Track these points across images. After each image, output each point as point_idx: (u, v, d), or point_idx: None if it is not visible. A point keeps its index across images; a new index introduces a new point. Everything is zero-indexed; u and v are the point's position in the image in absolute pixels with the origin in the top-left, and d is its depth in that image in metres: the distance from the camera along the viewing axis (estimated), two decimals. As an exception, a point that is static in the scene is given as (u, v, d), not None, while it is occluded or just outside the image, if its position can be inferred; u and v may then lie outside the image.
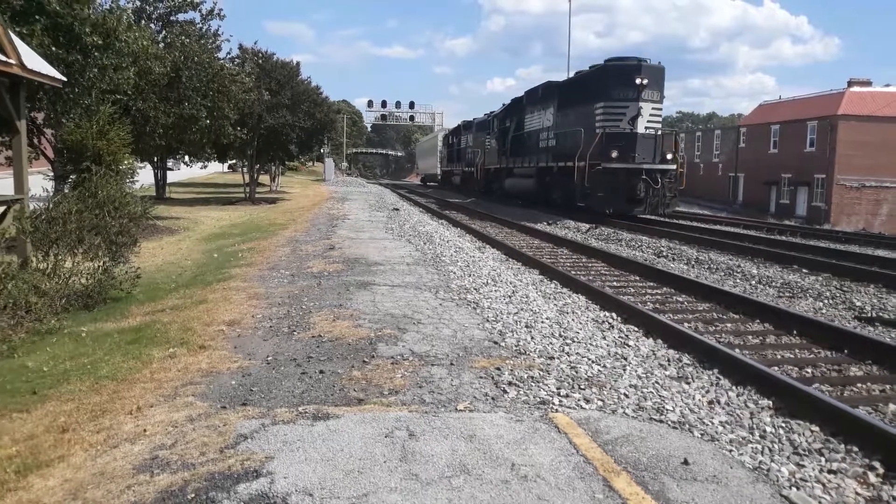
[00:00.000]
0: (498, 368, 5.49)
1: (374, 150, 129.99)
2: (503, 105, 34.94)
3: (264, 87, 27.80)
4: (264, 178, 40.41)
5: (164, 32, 21.86)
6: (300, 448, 3.86)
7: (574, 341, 6.49)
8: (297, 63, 32.60)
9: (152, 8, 22.02)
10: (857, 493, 3.76)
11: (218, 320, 7.15)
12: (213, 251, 13.83)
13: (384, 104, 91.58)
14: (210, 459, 3.71)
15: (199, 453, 3.80)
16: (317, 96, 33.47)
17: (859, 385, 5.87)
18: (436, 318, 7.25)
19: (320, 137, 36.38)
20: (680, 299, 9.51)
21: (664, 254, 13.94)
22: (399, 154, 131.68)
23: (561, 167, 23.85)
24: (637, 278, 11.17)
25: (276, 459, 3.71)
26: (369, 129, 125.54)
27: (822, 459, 4.19)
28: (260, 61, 29.92)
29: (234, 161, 42.56)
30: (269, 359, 5.75)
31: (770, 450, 4.28)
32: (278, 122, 29.42)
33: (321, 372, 5.37)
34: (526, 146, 29.01)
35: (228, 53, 27.44)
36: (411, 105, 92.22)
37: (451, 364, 5.61)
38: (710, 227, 21.16)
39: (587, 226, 19.79)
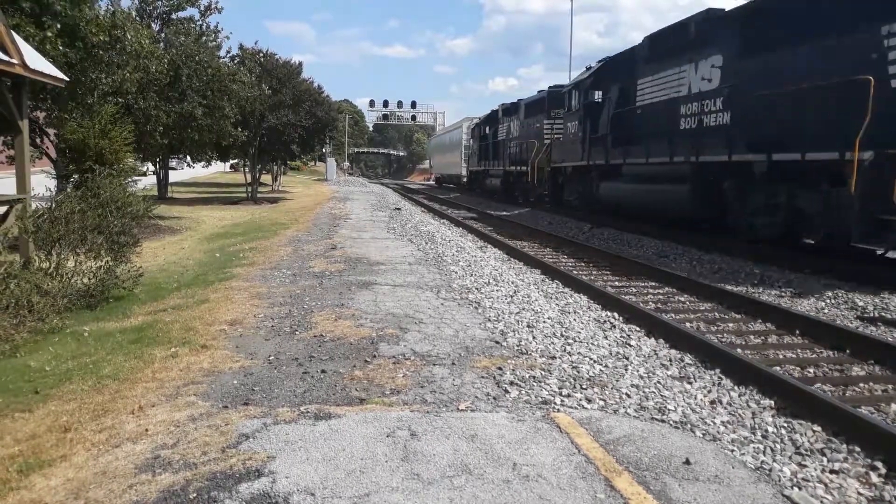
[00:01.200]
0: (500, 368, 5.49)
1: (375, 150, 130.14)
2: (588, 68, 21.83)
3: (266, 84, 27.79)
4: (266, 178, 40.43)
5: (164, 32, 21.88)
6: (302, 448, 3.87)
7: (576, 341, 6.49)
8: (300, 63, 32.66)
9: (152, 7, 22.05)
10: (859, 493, 3.75)
11: (220, 320, 7.16)
12: (215, 251, 13.83)
13: (386, 104, 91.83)
14: (212, 459, 3.72)
15: (200, 453, 3.80)
16: (318, 95, 33.49)
17: (861, 385, 5.86)
18: (437, 317, 7.25)
19: (322, 137, 36.40)
20: (682, 299, 9.50)
21: (667, 254, 13.92)
22: (401, 154, 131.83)
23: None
24: (639, 278, 11.16)
25: (278, 459, 3.71)
26: (371, 128, 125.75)
27: (824, 459, 4.18)
28: (261, 59, 29.93)
29: (236, 161, 42.57)
30: (270, 358, 5.75)
31: (772, 450, 4.28)
32: (281, 122, 29.45)
33: (323, 371, 5.38)
34: (651, 127, 16.55)
35: (228, 52, 27.32)
36: (413, 105, 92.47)
37: (453, 364, 5.61)
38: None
39: (588, 225, 19.72)
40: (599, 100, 20.54)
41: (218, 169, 55.97)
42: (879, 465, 4.07)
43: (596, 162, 20.07)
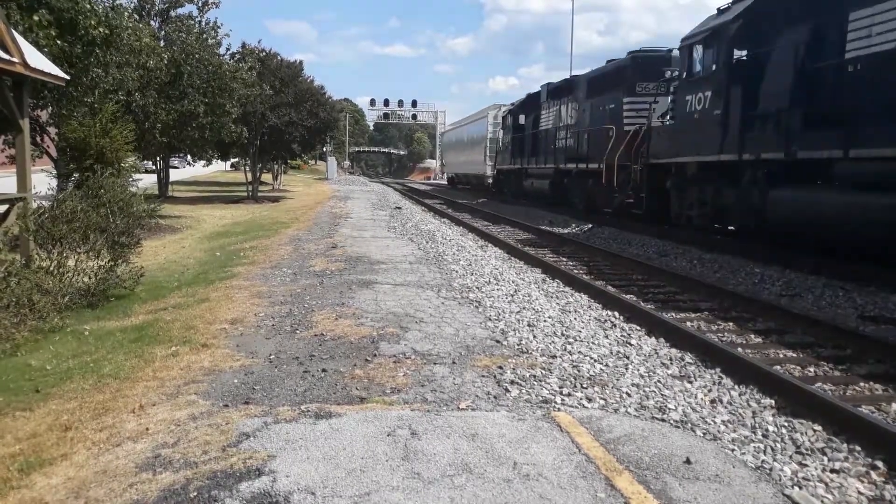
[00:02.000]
0: (500, 367, 5.49)
1: (376, 149, 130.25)
2: (722, 10, 14.49)
3: (266, 84, 27.78)
4: (267, 177, 40.45)
5: (164, 30, 21.88)
6: (302, 447, 3.87)
7: (576, 340, 6.49)
8: (301, 62, 32.70)
9: (150, 4, 22.05)
10: (859, 493, 3.75)
11: (220, 319, 7.16)
12: (216, 249, 13.83)
13: (386, 103, 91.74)
14: (212, 458, 3.72)
15: (201, 452, 3.80)
16: (320, 95, 33.52)
17: (862, 384, 5.86)
18: (438, 316, 7.25)
19: (323, 136, 36.42)
20: (682, 298, 9.49)
21: (668, 253, 13.92)
22: (402, 153, 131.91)
23: None
24: (640, 277, 11.16)
25: (279, 458, 3.71)
26: (371, 127, 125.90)
27: (825, 459, 4.18)
28: (262, 56, 29.91)
29: (236, 160, 42.59)
30: (271, 357, 5.75)
31: (772, 449, 4.28)
32: (282, 121, 29.47)
33: (323, 370, 5.38)
34: None
35: (228, 49, 27.19)
36: (413, 104, 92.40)
37: (454, 363, 5.62)
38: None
39: (589, 225, 19.64)
40: (752, 55, 13.22)
41: (219, 168, 55.97)
42: (880, 464, 4.07)
43: (762, 155, 12.43)
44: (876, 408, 5.23)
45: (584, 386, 5.17)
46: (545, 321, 7.21)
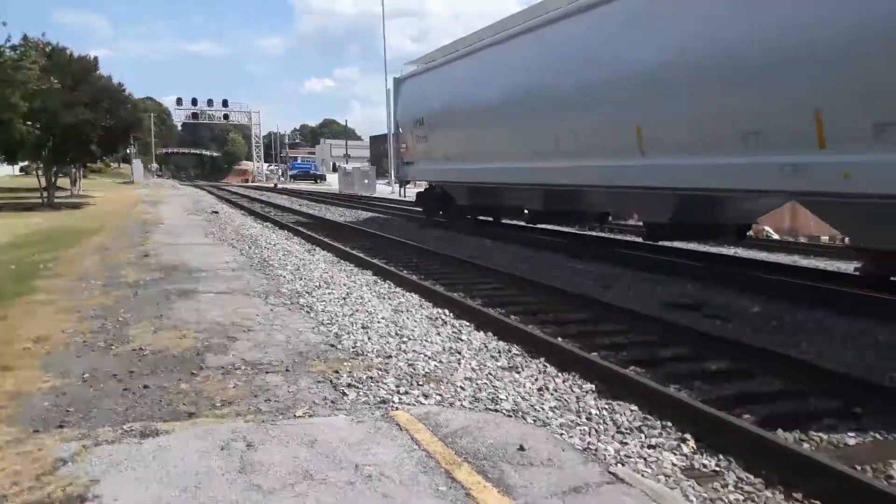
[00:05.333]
0: (336, 371, 5.45)
1: (186, 151, 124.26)
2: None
3: (55, 78, 25.56)
4: (64, 182, 37.34)
5: None
6: (129, 467, 3.62)
7: (410, 339, 6.57)
8: (95, 58, 30.55)
9: None
10: (673, 465, 4.10)
11: (22, 337, 6.52)
12: (10, 262, 12.53)
13: (195, 102, 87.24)
14: (25, 489, 3.38)
15: (10, 483, 3.44)
16: (118, 94, 31.52)
17: (668, 365, 6.39)
18: (267, 324, 7.06)
19: (125, 137, 34.26)
20: (508, 293, 9.88)
21: (490, 248, 14.43)
22: (215, 154, 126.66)
23: None
24: (469, 276, 11.46)
25: (103, 482, 3.44)
26: (180, 128, 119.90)
27: (643, 436, 4.52)
28: (48, 51, 27.50)
29: (26, 163, 38.98)
30: (85, 376, 5.33)
31: (597, 431, 4.56)
32: (77, 121, 27.26)
33: (145, 387, 5.07)
34: None
35: (9, 40, 24.36)
36: (224, 103, 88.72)
37: (287, 370, 5.50)
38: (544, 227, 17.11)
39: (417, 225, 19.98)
40: None
41: (6, 172, 50.91)
42: (689, 437, 4.47)
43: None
44: (682, 386, 5.73)
45: (420, 383, 5.25)
46: (379, 322, 7.23)
